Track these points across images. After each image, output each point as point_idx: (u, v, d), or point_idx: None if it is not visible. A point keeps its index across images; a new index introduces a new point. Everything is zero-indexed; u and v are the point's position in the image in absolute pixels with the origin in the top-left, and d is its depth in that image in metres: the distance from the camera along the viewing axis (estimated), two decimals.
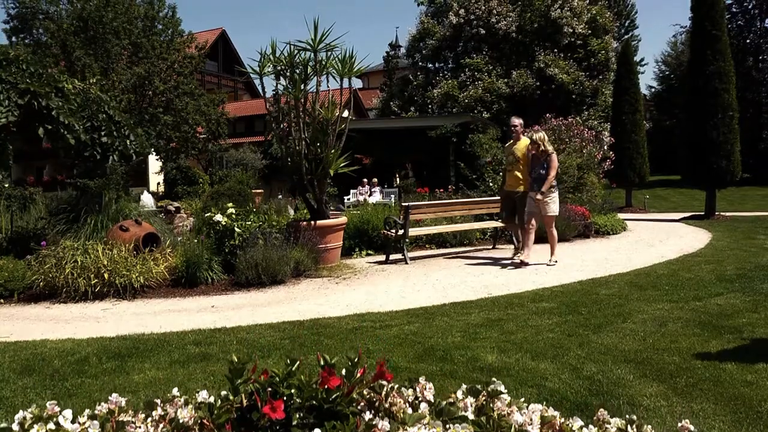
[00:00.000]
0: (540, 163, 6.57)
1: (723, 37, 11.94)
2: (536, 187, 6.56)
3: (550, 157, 6.53)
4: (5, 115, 5.70)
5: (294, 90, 6.66)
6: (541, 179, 6.52)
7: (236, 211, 6.52)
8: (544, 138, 6.61)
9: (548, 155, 6.51)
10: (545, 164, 6.52)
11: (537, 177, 6.60)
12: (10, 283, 5.78)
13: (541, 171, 6.55)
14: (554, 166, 6.53)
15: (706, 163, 11.87)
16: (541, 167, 6.55)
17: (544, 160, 6.53)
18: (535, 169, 6.65)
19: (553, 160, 6.55)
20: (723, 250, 7.39)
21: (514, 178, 6.90)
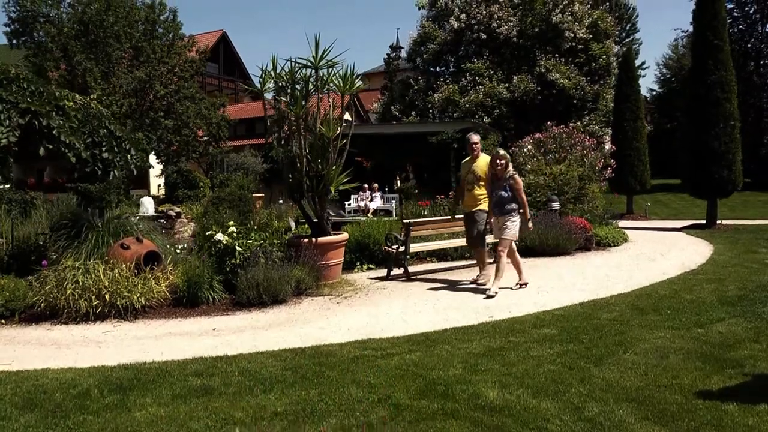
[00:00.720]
0: (501, 185, 6.20)
1: (725, 47, 11.92)
2: (497, 211, 6.26)
3: (514, 179, 6.21)
4: (6, 136, 5.69)
5: (295, 107, 6.65)
6: (503, 202, 6.18)
7: (237, 229, 6.51)
8: (508, 157, 6.34)
9: (512, 176, 6.20)
10: (507, 187, 6.17)
11: (498, 200, 6.23)
12: (11, 303, 5.78)
13: (502, 194, 6.19)
14: (521, 188, 6.22)
15: (707, 173, 11.85)
16: (503, 189, 6.19)
17: (506, 183, 6.18)
18: (495, 191, 6.28)
19: (518, 182, 6.24)
20: (724, 266, 7.38)
21: (472, 198, 6.57)
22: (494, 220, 6.34)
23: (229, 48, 37.83)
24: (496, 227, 6.34)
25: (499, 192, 6.20)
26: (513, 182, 6.16)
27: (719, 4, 12.06)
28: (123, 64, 22.71)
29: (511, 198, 6.17)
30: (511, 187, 6.15)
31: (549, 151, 13.47)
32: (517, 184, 6.18)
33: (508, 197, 6.17)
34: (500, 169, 6.19)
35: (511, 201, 6.18)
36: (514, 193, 6.15)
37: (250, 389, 3.56)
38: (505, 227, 6.17)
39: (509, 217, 6.18)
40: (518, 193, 6.16)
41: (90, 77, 21.17)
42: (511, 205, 6.20)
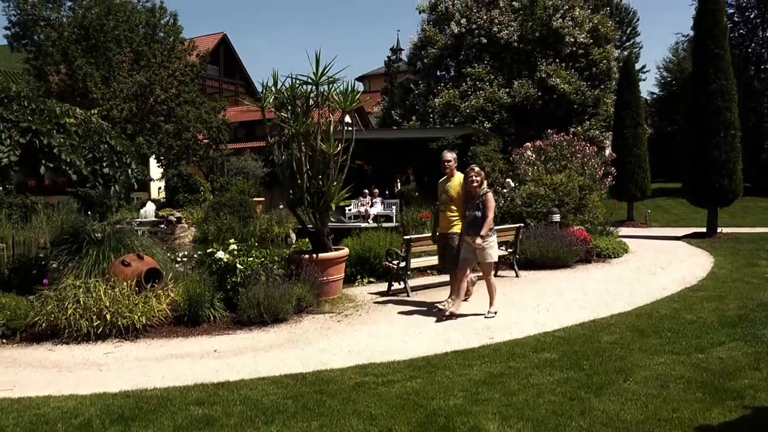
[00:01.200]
0: (474, 203, 5.92)
1: (725, 55, 11.92)
2: (471, 232, 5.92)
3: (486, 197, 5.89)
4: (6, 155, 5.71)
5: (296, 123, 6.65)
6: (477, 222, 5.88)
7: (238, 247, 6.52)
8: (483, 174, 6.05)
9: (485, 194, 5.90)
10: (480, 204, 5.88)
11: (471, 220, 5.93)
12: (13, 322, 5.79)
13: (476, 213, 5.89)
14: (491, 207, 5.89)
15: (707, 182, 11.86)
16: (476, 208, 5.89)
17: (479, 200, 5.89)
18: (468, 210, 5.99)
19: (489, 200, 5.90)
20: (725, 282, 7.39)
21: (446, 219, 6.23)
22: (469, 240, 5.98)
23: (230, 50, 37.83)
24: (470, 248, 5.97)
25: (474, 212, 5.91)
26: (485, 199, 5.89)
27: (720, 13, 12.06)
28: (123, 68, 22.71)
29: (484, 218, 5.86)
30: (483, 205, 5.87)
31: (549, 159, 13.50)
32: (489, 202, 5.90)
33: (482, 217, 5.87)
34: (475, 187, 5.92)
35: (479, 221, 5.87)
36: (485, 211, 5.86)
37: (251, 420, 3.57)
38: (483, 249, 5.90)
39: (487, 239, 5.91)
40: (487, 211, 5.85)
41: (90, 82, 21.18)
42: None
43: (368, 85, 50.89)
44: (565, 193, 10.13)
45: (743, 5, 21.34)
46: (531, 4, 21.26)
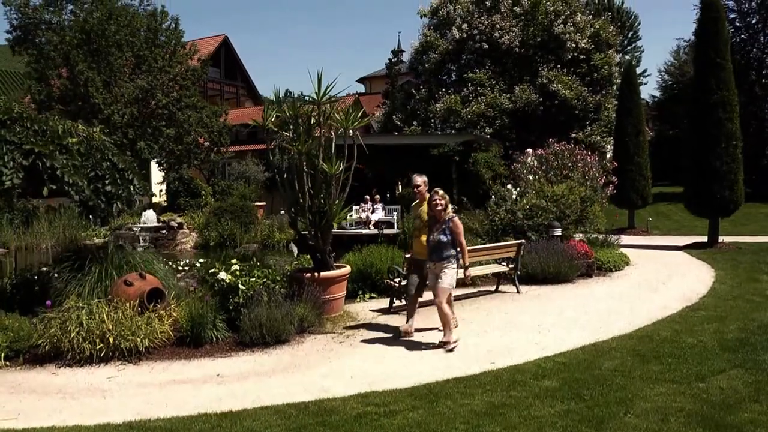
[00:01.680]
0: (440, 227, 5.71)
1: (727, 66, 11.92)
2: (434, 257, 5.75)
3: (454, 221, 5.68)
4: (10, 178, 5.72)
5: (298, 143, 6.67)
6: (440, 247, 5.68)
7: (240, 267, 6.54)
8: (447, 197, 5.81)
9: (451, 219, 5.69)
10: (446, 230, 5.68)
11: (435, 245, 5.73)
12: (16, 343, 5.81)
13: (441, 238, 5.68)
14: (460, 232, 5.69)
15: (709, 193, 11.87)
16: (441, 233, 5.68)
17: (445, 225, 5.68)
18: (432, 234, 5.78)
19: (458, 224, 5.69)
20: (726, 299, 7.41)
21: (420, 245, 6.07)
22: (431, 266, 5.82)
23: (231, 52, 37.82)
24: (432, 274, 5.82)
25: (438, 236, 5.69)
26: (452, 225, 5.67)
27: (721, 23, 12.07)
28: (125, 72, 22.73)
29: (450, 243, 5.68)
30: (451, 231, 5.66)
31: (551, 168, 13.51)
32: (457, 227, 5.69)
33: (447, 242, 5.67)
34: (439, 211, 5.70)
35: (449, 246, 5.69)
36: (454, 237, 5.66)
37: None
38: (442, 274, 5.68)
39: (447, 264, 5.69)
40: (458, 237, 5.67)
41: (92, 87, 21.19)
42: (450, 251, 5.70)
43: (369, 87, 50.91)
44: (567, 206, 10.14)
45: (745, 10, 21.32)
46: (532, 10, 21.25)
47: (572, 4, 21.53)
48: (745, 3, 21.29)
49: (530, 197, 10.82)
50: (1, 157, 5.77)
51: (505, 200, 10.31)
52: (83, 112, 21.75)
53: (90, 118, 21.60)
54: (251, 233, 18.64)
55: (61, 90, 22.60)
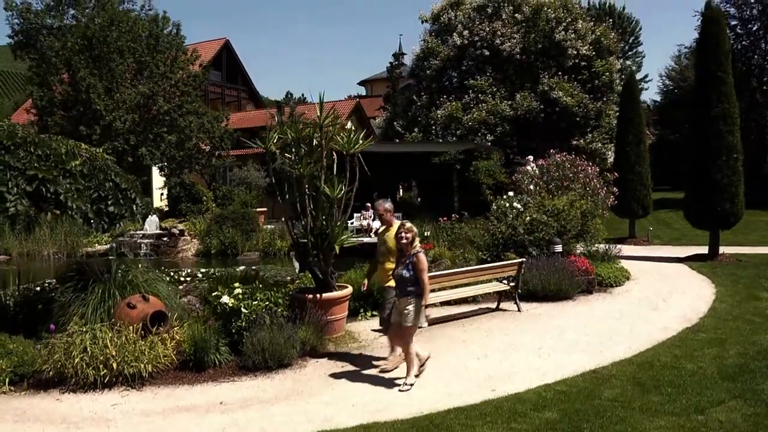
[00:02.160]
0: (404, 261, 5.45)
1: (728, 79, 11.94)
2: (397, 291, 5.54)
3: (417, 257, 5.38)
4: (14, 204, 5.77)
5: (300, 166, 6.71)
6: (404, 283, 5.44)
7: (243, 290, 6.57)
8: (414, 231, 5.52)
9: (415, 254, 5.40)
10: (410, 265, 5.39)
11: (399, 279, 5.48)
12: (20, 368, 5.86)
13: (403, 273, 5.41)
14: (424, 269, 5.38)
15: (709, 205, 11.90)
16: (405, 267, 5.42)
17: (409, 260, 5.41)
18: (397, 266, 5.54)
19: (421, 261, 5.37)
20: (726, 320, 7.43)
21: (384, 272, 5.91)
22: (395, 301, 5.62)
23: (232, 55, 37.87)
24: (396, 311, 5.60)
25: (401, 271, 5.45)
26: (416, 260, 5.37)
27: (723, 37, 12.08)
28: (126, 78, 22.77)
29: (413, 279, 5.40)
30: (414, 266, 5.37)
31: (552, 179, 13.55)
32: (420, 263, 5.36)
33: (410, 277, 5.40)
34: (405, 244, 5.44)
35: (413, 282, 5.41)
36: (416, 273, 5.37)
37: None
38: (406, 311, 5.43)
39: (411, 300, 5.42)
40: (420, 274, 5.36)
41: (94, 93, 21.24)
42: (413, 287, 5.42)
43: (370, 90, 50.97)
44: (568, 221, 10.17)
45: (746, 17, 21.34)
46: (533, 17, 21.26)
47: (573, 11, 21.55)
48: (746, 10, 21.31)
49: (531, 211, 10.85)
50: (5, 183, 5.81)
51: (506, 215, 10.32)
52: (85, 118, 21.81)
53: (92, 124, 21.67)
54: (252, 241, 18.69)
55: (62, 95, 22.64)
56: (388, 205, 6.16)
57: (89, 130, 21.37)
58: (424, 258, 5.44)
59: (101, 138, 21.60)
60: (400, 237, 5.48)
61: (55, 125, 22.15)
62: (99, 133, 21.40)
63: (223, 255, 18.28)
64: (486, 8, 22.10)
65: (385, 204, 6.13)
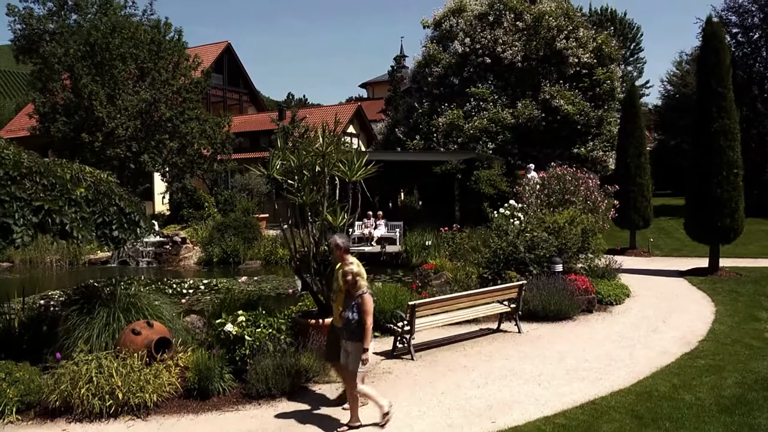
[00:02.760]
0: (350, 304, 5.28)
1: (728, 94, 11.99)
2: (345, 335, 5.34)
3: (363, 299, 5.20)
4: (20, 236, 5.83)
5: (303, 194, 6.77)
6: (349, 325, 5.26)
7: (246, 317, 6.64)
8: (359, 272, 5.31)
9: (360, 296, 5.22)
10: (355, 306, 5.23)
11: (345, 322, 5.30)
12: (27, 396, 5.93)
13: (348, 315, 5.26)
14: (368, 311, 5.18)
15: (709, 221, 11.96)
16: (350, 309, 5.25)
17: (354, 302, 5.24)
18: (344, 308, 5.34)
19: (366, 303, 5.19)
20: (724, 344, 7.49)
21: (337, 310, 5.71)
22: (342, 342, 5.42)
23: (233, 59, 37.91)
24: (344, 350, 5.43)
25: (347, 312, 5.30)
26: (361, 302, 5.22)
27: (723, 52, 12.12)
28: (128, 84, 22.82)
29: (358, 321, 5.24)
30: (359, 309, 5.22)
31: (553, 192, 13.60)
32: (365, 305, 5.19)
33: (354, 320, 5.25)
34: (348, 283, 5.29)
35: (358, 325, 5.24)
36: (362, 315, 5.21)
37: None
38: (351, 355, 5.29)
39: (356, 345, 5.25)
40: (364, 316, 5.18)
41: (96, 100, 21.29)
42: (358, 330, 5.24)
43: (371, 92, 51.02)
44: (568, 239, 10.23)
45: (748, 25, 21.36)
46: (535, 25, 21.29)
47: (575, 20, 21.57)
48: (748, 18, 21.33)
49: (532, 225, 10.91)
50: (11, 215, 5.87)
51: (507, 233, 10.38)
52: (87, 125, 21.88)
53: (94, 131, 21.74)
54: (254, 249, 18.77)
55: (64, 100, 22.69)
56: (340, 242, 5.74)
57: (92, 137, 21.44)
58: (369, 300, 5.25)
59: (103, 145, 21.67)
60: (345, 274, 5.33)
61: (57, 132, 22.24)
62: (101, 140, 21.46)
63: (225, 263, 18.38)
64: (487, 16, 22.13)
65: (337, 240, 5.75)
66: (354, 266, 5.39)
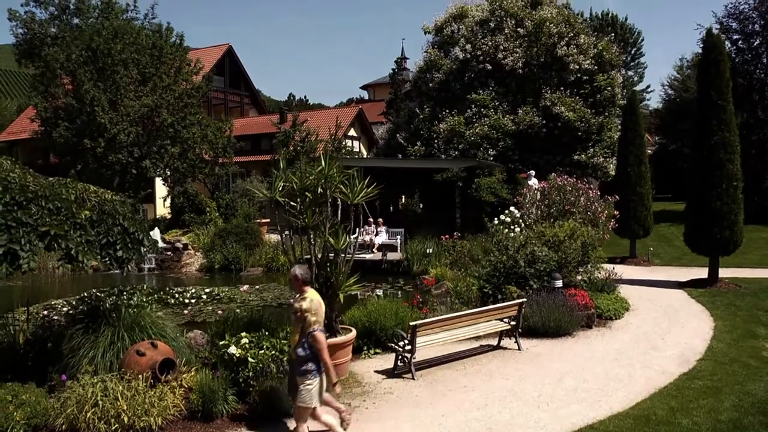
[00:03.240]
0: (301, 340, 5.22)
1: (728, 107, 12.04)
2: (294, 370, 5.29)
3: (313, 337, 5.12)
4: (27, 261, 5.91)
5: (305, 217, 6.85)
6: (299, 360, 5.20)
7: (250, 338, 6.73)
8: (308, 309, 5.17)
9: (311, 333, 5.14)
10: (305, 343, 5.17)
11: (296, 357, 5.25)
12: (34, 419, 6.01)
13: (299, 351, 5.21)
14: (321, 348, 5.11)
15: (709, 233, 12.02)
16: (301, 346, 5.20)
17: (305, 339, 5.17)
18: (297, 345, 5.28)
19: (318, 341, 5.10)
20: (722, 363, 7.56)
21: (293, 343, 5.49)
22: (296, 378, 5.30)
23: (235, 61, 38.01)
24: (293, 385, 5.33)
25: (297, 348, 5.24)
26: (311, 340, 5.14)
27: (723, 65, 12.16)
28: (130, 89, 22.89)
29: (310, 357, 5.16)
30: (310, 346, 5.15)
31: (553, 203, 13.67)
32: (317, 343, 5.11)
33: (306, 356, 5.17)
34: (298, 320, 5.23)
35: (308, 360, 5.18)
36: (314, 352, 5.13)
37: None
38: (300, 392, 5.18)
39: (305, 379, 5.16)
40: (319, 353, 5.12)
41: (98, 107, 21.37)
42: (308, 365, 5.17)
43: (373, 94, 51.15)
44: (568, 253, 10.30)
45: (749, 31, 21.39)
46: (536, 31, 21.34)
47: (575, 26, 21.62)
48: (749, 25, 21.37)
49: (532, 239, 10.97)
50: (18, 240, 5.95)
51: (507, 248, 10.45)
52: (89, 130, 21.97)
53: (96, 137, 21.83)
54: (255, 256, 18.87)
55: (66, 104, 22.74)
56: (298, 272, 5.45)
57: (94, 143, 21.53)
58: (320, 337, 5.13)
59: (105, 151, 21.77)
60: (295, 310, 5.24)
61: (59, 137, 22.32)
62: (103, 146, 21.55)
63: (227, 270, 18.49)
64: (489, 22, 22.18)
65: (296, 270, 5.46)
66: (305, 302, 5.21)
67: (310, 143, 26.77)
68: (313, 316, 5.18)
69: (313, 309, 5.21)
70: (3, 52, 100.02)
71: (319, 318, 5.27)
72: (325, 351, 5.16)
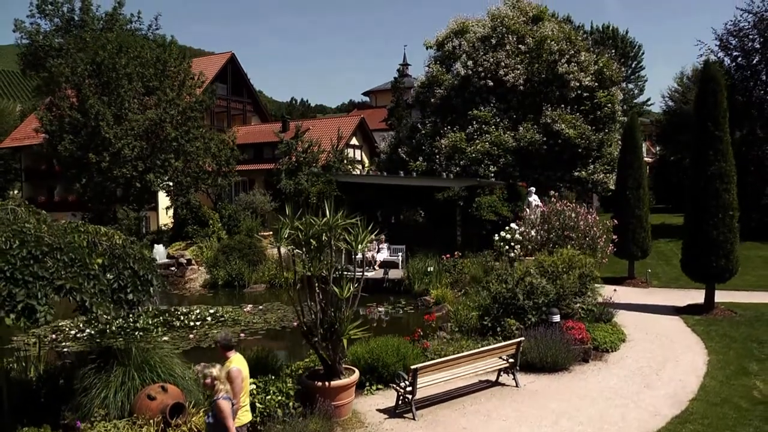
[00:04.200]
0: (210, 408, 5.25)
1: (725, 137, 12.24)
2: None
3: (217, 405, 5.07)
4: (43, 315, 6.14)
5: (311, 264, 7.08)
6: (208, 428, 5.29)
7: (257, 383, 6.96)
8: (218, 376, 5.12)
9: (216, 401, 5.10)
10: (211, 412, 5.18)
11: (206, 425, 5.34)
12: None
13: (207, 419, 5.27)
14: (226, 416, 5.05)
15: (705, 261, 12.23)
16: (208, 414, 5.28)
17: (212, 407, 5.17)
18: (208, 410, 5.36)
19: (222, 410, 5.04)
20: (714, 405, 7.77)
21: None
22: None
23: (237, 69, 38.18)
24: None
25: (205, 417, 5.31)
26: (216, 409, 5.11)
27: (720, 95, 12.35)
28: (134, 103, 23.12)
29: (216, 425, 5.15)
30: (215, 415, 5.15)
31: (552, 228, 13.90)
32: (221, 412, 5.06)
33: (212, 424, 5.19)
34: (207, 386, 5.18)
35: (215, 428, 5.17)
36: (222, 420, 5.09)
37: None
38: None
39: None
40: (223, 421, 5.08)
41: (103, 121, 21.59)
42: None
43: (375, 101, 51.28)
44: (566, 286, 10.52)
45: (748, 48, 21.56)
46: (537, 48, 21.53)
47: (576, 43, 21.80)
48: (748, 42, 21.53)
49: (530, 268, 11.19)
50: (35, 295, 6.18)
51: (506, 282, 10.68)
52: (94, 144, 22.20)
53: (101, 151, 22.07)
54: (259, 272, 19.09)
55: (71, 117, 22.95)
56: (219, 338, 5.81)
57: (99, 157, 21.77)
58: (224, 405, 5.08)
59: (110, 165, 22.01)
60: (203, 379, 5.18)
61: (64, 150, 22.55)
62: (108, 160, 21.79)
63: (230, 286, 18.71)
64: (490, 38, 22.36)
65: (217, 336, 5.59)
66: (215, 369, 5.16)
67: (312, 154, 27.02)
68: (222, 384, 5.12)
69: (223, 378, 5.17)
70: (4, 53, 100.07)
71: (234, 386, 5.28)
72: (230, 420, 5.10)
